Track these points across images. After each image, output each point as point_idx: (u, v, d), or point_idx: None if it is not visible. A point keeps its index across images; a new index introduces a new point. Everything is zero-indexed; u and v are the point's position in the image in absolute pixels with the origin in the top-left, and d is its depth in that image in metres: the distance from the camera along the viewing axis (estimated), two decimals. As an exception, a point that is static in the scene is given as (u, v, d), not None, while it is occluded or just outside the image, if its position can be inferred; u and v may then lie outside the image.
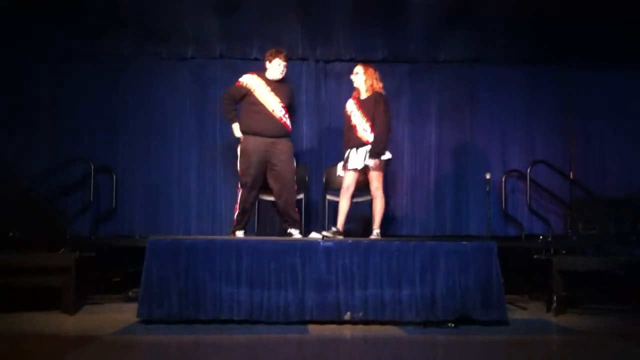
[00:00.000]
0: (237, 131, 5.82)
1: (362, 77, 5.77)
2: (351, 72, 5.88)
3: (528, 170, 6.73)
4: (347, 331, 4.70)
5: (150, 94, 6.91)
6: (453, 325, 4.78)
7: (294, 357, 4.15)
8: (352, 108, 5.82)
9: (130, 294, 5.86)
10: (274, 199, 5.94)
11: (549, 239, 6.42)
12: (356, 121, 5.72)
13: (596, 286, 5.75)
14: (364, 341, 4.50)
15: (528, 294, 6.35)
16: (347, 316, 4.83)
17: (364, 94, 5.79)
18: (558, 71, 7.10)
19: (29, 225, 5.84)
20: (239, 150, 5.92)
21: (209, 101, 6.93)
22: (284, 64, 5.78)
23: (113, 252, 6.25)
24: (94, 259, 5.64)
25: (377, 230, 5.69)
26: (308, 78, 7.00)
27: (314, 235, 5.71)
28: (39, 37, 6.62)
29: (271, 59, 5.79)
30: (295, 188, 5.91)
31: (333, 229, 5.71)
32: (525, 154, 7.00)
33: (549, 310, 5.51)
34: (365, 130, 5.69)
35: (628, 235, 5.76)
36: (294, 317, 4.81)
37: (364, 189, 5.88)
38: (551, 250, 5.97)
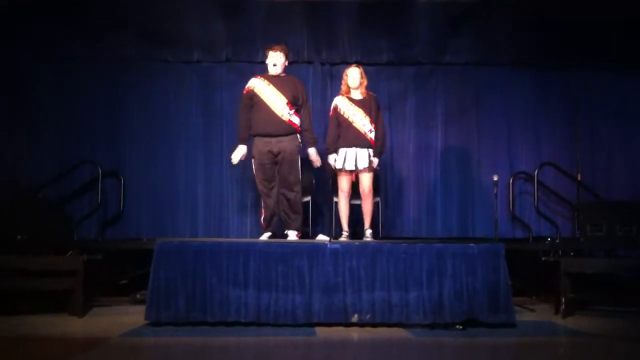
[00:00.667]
0: (236, 156, 5.68)
1: (360, 77, 5.73)
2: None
3: (535, 172, 6.71)
4: (355, 334, 4.69)
5: (156, 98, 6.94)
6: (460, 327, 4.77)
7: (301, 360, 4.15)
8: (346, 106, 5.72)
9: (138, 296, 5.88)
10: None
11: (556, 241, 6.40)
12: (357, 120, 5.68)
13: (604, 288, 5.73)
14: (371, 344, 4.50)
15: (536, 296, 6.33)
16: (355, 318, 4.82)
17: (358, 94, 5.76)
18: (564, 73, 7.08)
19: (37, 229, 5.85)
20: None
21: (215, 104, 6.97)
22: (276, 55, 5.62)
23: (120, 254, 6.27)
24: (102, 262, 5.66)
25: (370, 230, 5.72)
26: (314, 81, 7.00)
27: (321, 237, 5.71)
28: (41, 39, 6.65)
29: (267, 54, 5.73)
30: (299, 188, 5.70)
31: (344, 233, 5.71)
32: (532, 156, 6.98)
33: (556, 312, 5.50)
34: (371, 131, 5.69)
35: (636, 238, 5.73)
36: (301, 320, 4.81)
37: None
38: (559, 253, 5.95)
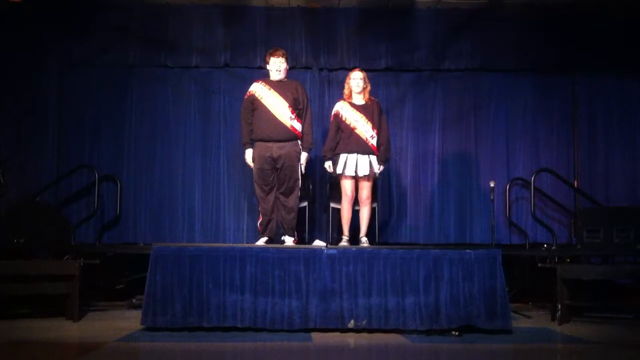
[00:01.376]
0: (249, 159, 5.70)
1: (363, 82, 5.72)
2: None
3: (532, 178, 6.70)
4: (351, 339, 4.69)
5: (155, 103, 6.95)
6: (457, 333, 4.77)
7: (297, 365, 4.16)
8: (348, 112, 5.70)
9: (134, 301, 5.88)
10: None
11: (553, 247, 6.40)
12: (360, 126, 5.64)
13: (601, 295, 5.73)
14: (367, 349, 4.50)
15: (532, 302, 6.34)
16: (351, 324, 4.82)
17: (361, 99, 5.73)
18: (563, 80, 7.09)
19: (34, 233, 5.86)
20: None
21: (214, 110, 6.98)
22: (279, 61, 5.66)
23: (117, 259, 6.27)
24: (99, 267, 5.67)
25: (365, 238, 5.70)
26: (312, 86, 7.00)
27: (317, 243, 5.71)
28: (42, 45, 6.69)
29: (268, 59, 5.74)
30: (297, 194, 5.71)
31: (344, 238, 5.70)
32: (529, 162, 6.99)
33: (553, 318, 5.50)
34: (374, 137, 5.67)
35: (633, 244, 5.73)
36: (297, 325, 4.81)
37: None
38: (556, 259, 5.95)
